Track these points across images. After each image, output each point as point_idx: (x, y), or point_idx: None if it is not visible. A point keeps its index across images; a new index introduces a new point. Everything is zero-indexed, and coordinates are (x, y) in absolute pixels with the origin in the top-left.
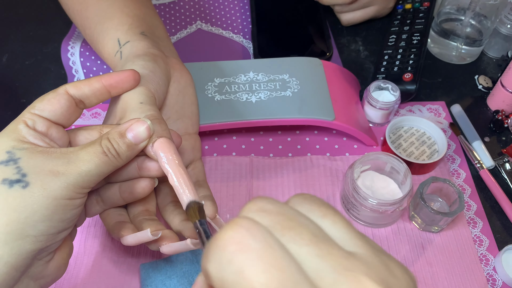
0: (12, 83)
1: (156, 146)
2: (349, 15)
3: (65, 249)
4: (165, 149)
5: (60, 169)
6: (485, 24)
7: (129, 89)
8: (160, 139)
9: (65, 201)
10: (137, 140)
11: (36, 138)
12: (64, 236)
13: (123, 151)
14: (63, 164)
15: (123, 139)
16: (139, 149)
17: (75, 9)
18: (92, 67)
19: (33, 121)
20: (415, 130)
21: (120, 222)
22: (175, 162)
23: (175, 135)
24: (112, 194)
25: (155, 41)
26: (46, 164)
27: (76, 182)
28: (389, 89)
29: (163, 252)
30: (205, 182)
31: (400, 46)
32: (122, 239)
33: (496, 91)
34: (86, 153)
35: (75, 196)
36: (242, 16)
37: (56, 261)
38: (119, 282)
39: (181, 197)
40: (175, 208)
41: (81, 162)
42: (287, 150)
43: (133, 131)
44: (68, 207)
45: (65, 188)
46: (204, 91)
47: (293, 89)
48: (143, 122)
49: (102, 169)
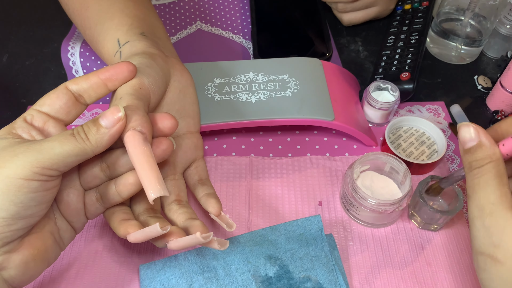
0: (12, 83)
1: (125, 139)
2: (351, 15)
3: (36, 243)
4: (130, 141)
5: (21, 150)
6: (484, 24)
7: (125, 81)
8: (128, 132)
9: (19, 181)
10: (108, 125)
11: (23, 131)
12: (22, 227)
13: (92, 135)
14: (28, 145)
15: (94, 124)
16: (112, 134)
17: (75, 9)
18: (92, 67)
19: (32, 116)
20: (415, 130)
21: (125, 219)
22: (140, 155)
23: (167, 117)
24: (109, 189)
25: (155, 42)
26: (14, 148)
27: (35, 159)
28: (388, 89)
29: (171, 248)
30: (208, 180)
31: (398, 46)
32: (129, 236)
33: (496, 92)
34: (54, 136)
35: (33, 177)
36: (242, 16)
37: (21, 255)
38: (119, 282)
39: (146, 192)
40: (180, 207)
41: (45, 141)
42: (286, 150)
43: (105, 118)
44: (22, 188)
45: (21, 166)
46: (204, 91)
47: (292, 89)
48: (116, 109)
49: (67, 148)
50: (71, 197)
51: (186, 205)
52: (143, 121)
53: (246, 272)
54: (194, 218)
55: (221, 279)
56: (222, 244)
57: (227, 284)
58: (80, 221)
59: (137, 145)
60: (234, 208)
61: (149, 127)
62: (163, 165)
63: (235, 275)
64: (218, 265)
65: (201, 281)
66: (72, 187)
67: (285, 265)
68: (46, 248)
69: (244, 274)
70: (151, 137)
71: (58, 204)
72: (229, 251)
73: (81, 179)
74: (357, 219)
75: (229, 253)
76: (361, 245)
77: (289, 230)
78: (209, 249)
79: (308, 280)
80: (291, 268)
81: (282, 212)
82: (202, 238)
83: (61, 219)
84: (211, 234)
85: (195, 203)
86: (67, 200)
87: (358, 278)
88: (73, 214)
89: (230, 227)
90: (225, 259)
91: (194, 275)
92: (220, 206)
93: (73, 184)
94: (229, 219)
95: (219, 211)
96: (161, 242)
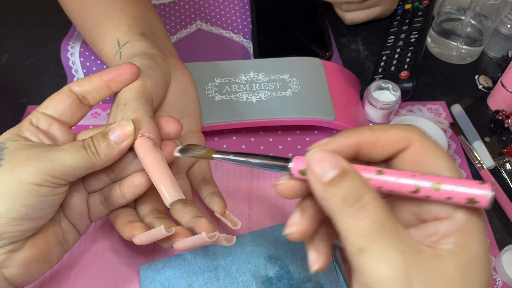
0: (12, 83)
1: (135, 145)
2: (354, 14)
3: (39, 243)
4: (141, 148)
5: (35, 156)
6: (485, 24)
7: (127, 82)
8: (138, 139)
9: (30, 186)
10: (118, 140)
11: (32, 134)
12: (30, 228)
13: (102, 150)
14: (40, 152)
15: (104, 138)
16: (121, 149)
17: (74, 10)
18: (92, 67)
19: (37, 118)
20: None
21: (130, 222)
22: (153, 161)
23: (172, 121)
24: (114, 192)
25: (155, 42)
26: (26, 152)
27: (47, 168)
28: (389, 89)
29: (177, 249)
30: (211, 179)
31: (398, 46)
32: (134, 238)
33: (497, 91)
34: (66, 146)
35: (43, 183)
36: (242, 16)
37: (24, 254)
38: (119, 282)
39: (163, 196)
40: (185, 206)
41: (57, 151)
42: (287, 150)
43: (115, 133)
44: (33, 192)
45: (33, 172)
46: (204, 91)
47: (293, 89)
48: (125, 124)
49: (78, 161)
50: (74, 200)
51: (191, 204)
52: (151, 127)
53: (246, 272)
54: (200, 216)
55: (222, 279)
56: (229, 240)
57: (228, 284)
58: (83, 223)
59: (148, 151)
60: (234, 208)
61: (157, 132)
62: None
63: (236, 275)
64: (219, 266)
65: (201, 281)
66: (75, 190)
67: (286, 265)
68: (49, 249)
69: (245, 274)
70: (160, 142)
71: (63, 207)
72: (230, 251)
73: (85, 183)
74: None
75: (230, 254)
76: None
77: None
78: (209, 250)
79: (308, 280)
80: (291, 268)
81: (282, 212)
82: (208, 238)
83: (65, 221)
84: (217, 233)
85: (199, 203)
86: (70, 203)
87: None
88: (77, 216)
89: (235, 225)
90: (225, 260)
91: (195, 275)
92: (224, 205)
93: (76, 187)
94: (234, 217)
95: (224, 209)
96: (167, 243)
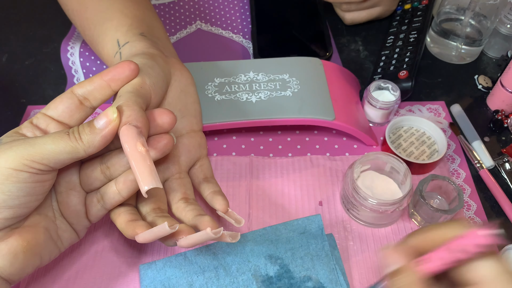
0: (12, 83)
1: (119, 133)
2: (354, 14)
3: (26, 235)
4: (125, 135)
5: (19, 143)
6: (484, 24)
7: (127, 80)
8: (123, 127)
9: (7, 170)
10: (102, 126)
11: (28, 131)
12: (11, 216)
13: (85, 135)
14: (24, 140)
15: (88, 125)
16: (104, 135)
17: (74, 10)
18: (92, 67)
19: (38, 118)
20: (415, 130)
21: (132, 220)
22: (133, 148)
23: (165, 113)
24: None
25: (155, 42)
26: (12, 143)
27: (26, 151)
28: (389, 89)
29: (181, 246)
30: (213, 178)
31: (397, 46)
32: (137, 236)
33: (496, 91)
34: (49, 134)
35: (22, 168)
36: (242, 16)
37: (10, 245)
38: (119, 282)
39: (139, 184)
40: (187, 205)
41: (39, 137)
42: (287, 150)
43: (99, 119)
44: (10, 177)
45: (11, 156)
46: (204, 91)
47: (293, 89)
48: (110, 111)
49: (59, 145)
50: (71, 198)
51: (194, 202)
52: (138, 116)
53: (246, 271)
54: (203, 214)
55: (222, 279)
56: (234, 236)
57: (228, 284)
58: (80, 223)
59: (130, 139)
60: (234, 207)
61: (144, 121)
62: (168, 163)
63: (236, 275)
64: (219, 265)
65: (201, 281)
66: (72, 189)
67: (286, 264)
68: (38, 243)
69: (245, 273)
70: (147, 132)
71: (59, 205)
72: (230, 251)
73: (81, 181)
74: (358, 219)
75: (230, 253)
76: (361, 245)
77: (289, 230)
78: (209, 249)
79: (308, 279)
80: (291, 267)
81: (282, 212)
82: (213, 234)
83: (60, 218)
84: (221, 229)
85: (201, 202)
86: (66, 201)
87: (358, 278)
88: (73, 215)
89: (239, 223)
90: (225, 259)
91: (195, 275)
92: (227, 203)
93: (73, 186)
94: (237, 215)
95: (226, 207)
96: (170, 241)
